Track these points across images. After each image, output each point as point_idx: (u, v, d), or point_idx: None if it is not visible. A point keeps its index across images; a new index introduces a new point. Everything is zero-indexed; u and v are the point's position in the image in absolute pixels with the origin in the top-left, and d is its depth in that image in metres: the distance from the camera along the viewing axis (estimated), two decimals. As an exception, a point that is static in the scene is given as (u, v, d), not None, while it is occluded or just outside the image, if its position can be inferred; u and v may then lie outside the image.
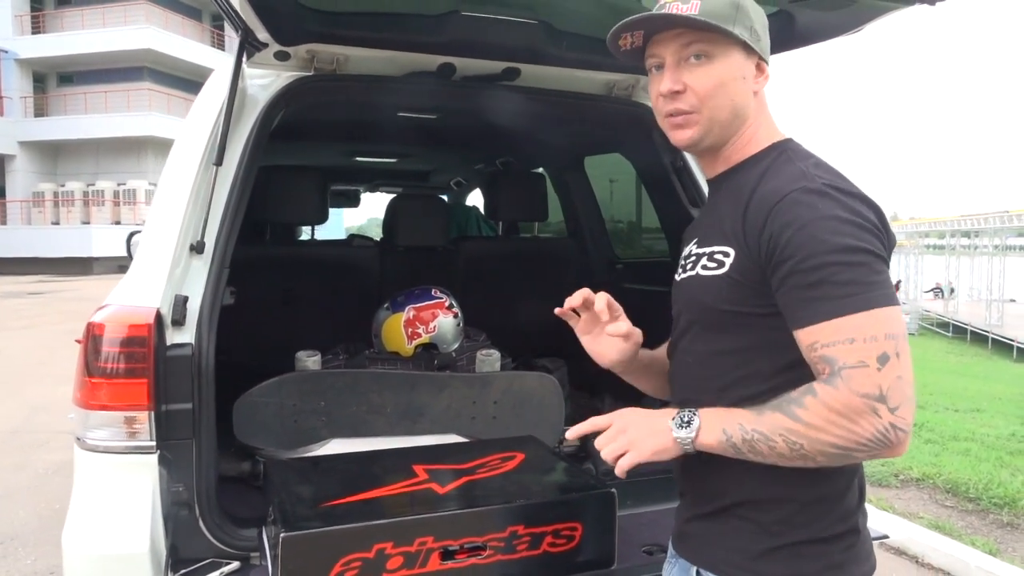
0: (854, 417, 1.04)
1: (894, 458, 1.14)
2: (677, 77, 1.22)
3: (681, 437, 1.16)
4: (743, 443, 1.11)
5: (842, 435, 1.05)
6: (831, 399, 1.05)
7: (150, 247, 1.87)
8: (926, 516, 4.42)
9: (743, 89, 1.24)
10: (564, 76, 2.41)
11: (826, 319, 1.07)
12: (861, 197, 1.15)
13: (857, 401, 1.04)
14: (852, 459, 1.08)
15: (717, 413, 1.16)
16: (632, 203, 3.66)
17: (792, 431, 1.07)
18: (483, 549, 1.58)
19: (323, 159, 3.97)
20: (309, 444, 2.15)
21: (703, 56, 1.21)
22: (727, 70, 1.21)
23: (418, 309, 2.50)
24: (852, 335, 1.05)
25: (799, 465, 1.10)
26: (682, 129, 1.25)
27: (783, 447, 1.08)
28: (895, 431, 1.04)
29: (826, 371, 1.07)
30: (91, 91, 28.70)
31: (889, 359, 1.04)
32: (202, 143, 1.97)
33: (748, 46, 1.22)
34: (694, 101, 1.22)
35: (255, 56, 2.06)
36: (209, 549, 1.80)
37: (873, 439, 1.04)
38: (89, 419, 1.73)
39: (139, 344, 1.71)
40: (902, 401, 1.04)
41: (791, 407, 1.08)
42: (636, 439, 1.18)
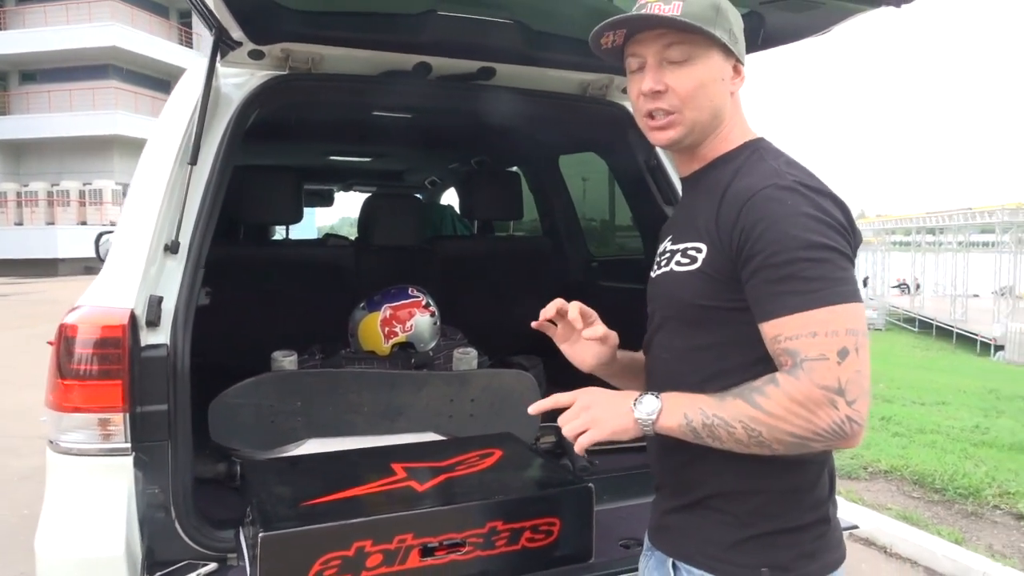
0: (813, 408, 1.07)
1: (848, 448, 1.19)
2: (659, 77, 1.24)
3: (642, 417, 1.18)
4: (703, 428, 1.15)
5: (800, 424, 1.08)
6: (793, 389, 1.08)
7: (123, 247, 1.85)
8: (894, 507, 4.51)
9: (722, 90, 1.26)
10: (539, 76, 2.42)
11: (791, 313, 1.11)
12: (829, 195, 1.19)
13: (817, 393, 1.07)
14: (807, 448, 1.12)
15: (680, 397, 1.19)
16: (606, 202, 3.69)
17: (752, 418, 1.11)
18: (462, 545, 1.60)
19: (298, 158, 3.95)
20: (286, 444, 2.14)
21: (684, 57, 1.23)
22: (707, 71, 1.24)
23: (395, 308, 2.51)
24: (815, 329, 1.09)
25: (755, 452, 1.13)
26: (663, 130, 1.27)
27: (742, 433, 1.12)
28: (851, 423, 1.08)
29: (788, 363, 1.11)
30: (55, 89, 28.13)
31: (849, 354, 1.08)
32: (176, 142, 1.95)
33: (727, 48, 1.25)
34: (675, 102, 1.24)
35: (229, 55, 2.05)
36: (186, 551, 1.79)
37: (829, 430, 1.08)
38: (62, 421, 1.71)
39: (113, 345, 1.69)
40: (859, 395, 1.08)
41: (753, 395, 1.11)
42: (598, 417, 1.21)
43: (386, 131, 3.21)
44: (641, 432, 1.20)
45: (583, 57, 2.36)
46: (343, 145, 3.93)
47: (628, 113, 2.58)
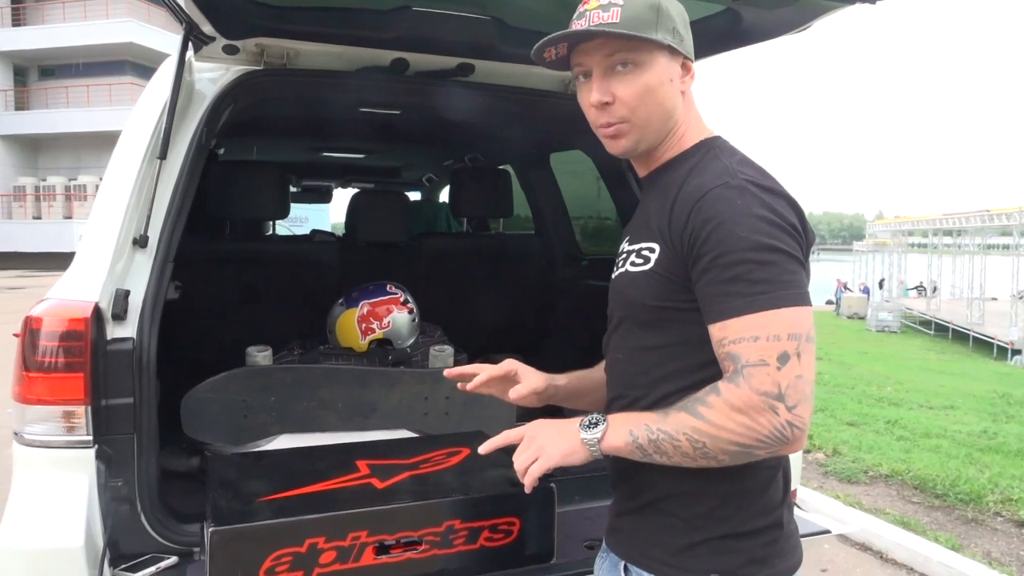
0: (753, 414, 1.06)
1: (790, 453, 1.18)
2: (605, 88, 1.22)
3: (587, 439, 1.19)
4: (649, 444, 1.14)
5: (742, 432, 1.07)
6: (733, 397, 1.07)
7: (92, 241, 1.85)
8: (892, 512, 4.46)
9: (671, 92, 1.24)
10: (519, 72, 2.41)
11: (735, 315, 1.09)
12: (782, 195, 1.17)
13: (756, 399, 1.06)
14: (752, 457, 1.10)
15: (626, 417, 1.19)
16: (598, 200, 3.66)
17: (696, 429, 1.09)
18: (419, 544, 1.59)
19: (289, 155, 3.95)
20: (258, 440, 2.14)
21: (629, 64, 1.21)
22: (653, 76, 1.22)
23: (372, 304, 2.50)
24: (757, 333, 1.08)
25: (703, 465, 1.12)
26: (616, 139, 1.26)
27: (687, 446, 1.10)
28: (791, 428, 1.06)
29: (731, 368, 1.09)
30: (72, 85, 28.42)
31: (789, 359, 1.07)
32: (147, 137, 1.96)
33: (672, 48, 1.22)
34: (623, 112, 1.23)
35: (203, 49, 2.05)
36: (151, 544, 1.79)
37: (771, 436, 1.06)
38: (26, 414, 1.72)
39: (76, 338, 1.70)
40: (800, 400, 1.06)
41: (696, 406, 1.10)
42: (545, 444, 1.22)
43: (372, 128, 3.20)
44: (590, 454, 1.20)
45: (564, 54, 2.36)
46: (331, 141, 3.93)
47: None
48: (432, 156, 4.52)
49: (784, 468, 1.29)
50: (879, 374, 10.86)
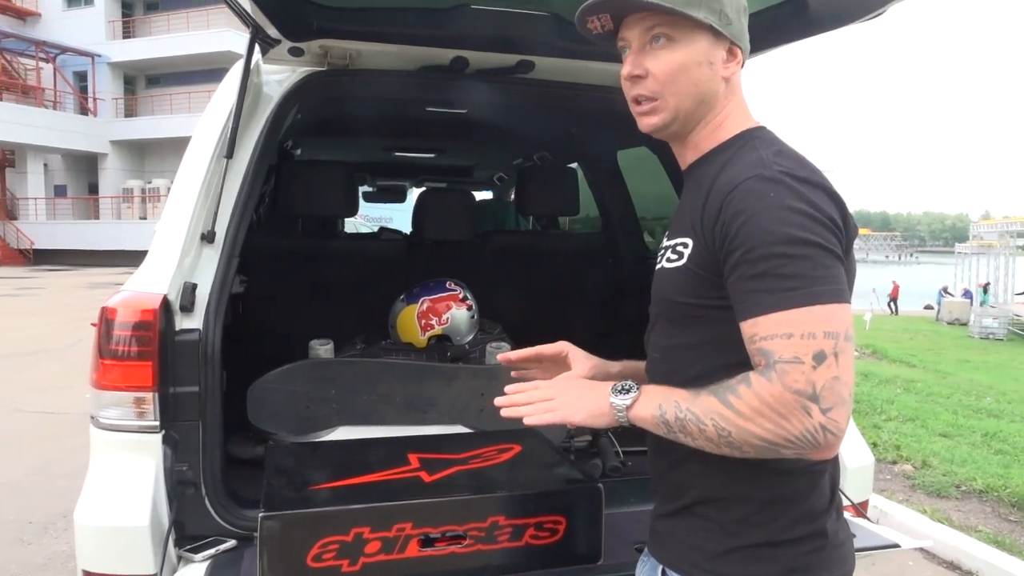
0: (784, 413, 1.01)
1: (821, 459, 1.11)
2: (639, 61, 1.21)
3: (616, 403, 1.17)
4: (675, 421, 1.11)
5: (770, 428, 1.02)
6: (763, 391, 1.02)
7: (163, 236, 1.95)
8: (986, 530, 4.19)
9: (709, 75, 1.21)
10: (579, 68, 2.39)
11: (766, 312, 1.04)
12: (820, 185, 1.11)
13: (789, 397, 1.01)
14: (778, 454, 1.05)
15: (658, 389, 1.16)
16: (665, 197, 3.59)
17: (723, 417, 1.05)
18: (463, 538, 1.59)
19: (359, 154, 4.04)
20: (318, 430, 2.20)
21: (666, 39, 1.18)
22: (690, 55, 1.19)
23: (432, 301, 2.53)
24: (790, 330, 1.02)
25: (727, 453, 1.08)
26: (646, 116, 1.24)
27: (712, 431, 1.07)
28: (825, 433, 1.01)
29: (762, 363, 1.05)
30: (176, 92, 30.10)
31: (826, 358, 1.01)
32: (215, 137, 2.04)
33: (716, 30, 1.19)
34: (655, 87, 1.20)
35: (270, 52, 2.12)
36: (214, 527, 1.87)
37: (800, 437, 1.01)
38: (101, 399, 1.82)
39: (146, 328, 1.79)
40: (836, 403, 1.01)
41: (726, 393, 1.06)
42: (573, 399, 1.21)
43: (438, 127, 3.24)
44: (615, 419, 1.18)
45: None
46: (398, 140, 4.00)
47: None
48: (502, 155, 4.54)
49: (831, 474, 1.23)
50: (979, 384, 10.22)
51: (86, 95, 31.33)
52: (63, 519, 3.96)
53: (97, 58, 30.22)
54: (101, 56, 30.21)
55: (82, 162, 31.27)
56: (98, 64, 30.43)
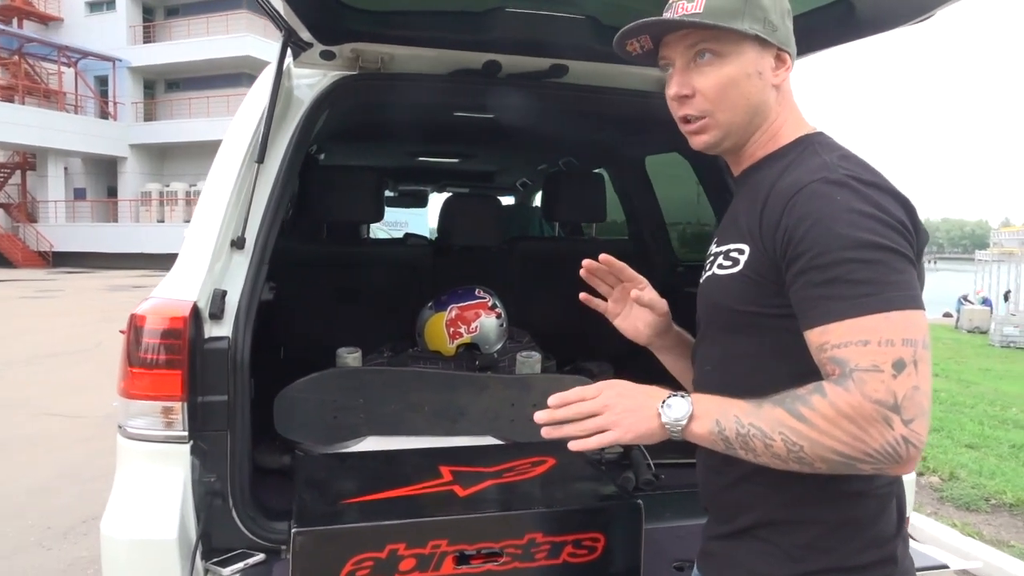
0: (863, 424, 0.94)
1: (900, 474, 1.04)
2: (685, 80, 1.17)
3: (670, 423, 1.07)
4: (736, 438, 1.03)
5: (848, 442, 0.95)
6: (841, 401, 0.95)
7: (192, 242, 1.92)
8: (1018, 545, 4.09)
9: (759, 85, 1.16)
10: (614, 72, 2.34)
11: (838, 319, 0.98)
12: (889, 190, 1.06)
13: (869, 407, 0.94)
14: (854, 470, 0.99)
15: (713, 401, 1.07)
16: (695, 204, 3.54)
17: (794, 430, 0.98)
18: (499, 555, 1.55)
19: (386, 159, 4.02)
20: (346, 440, 2.16)
21: (711, 55, 1.14)
22: (738, 68, 1.14)
23: (461, 309, 2.49)
24: (866, 337, 0.96)
25: (795, 469, 1.01)
26: (698, 135, 1.20)
27: (780, 447, 0.99)
28: (907, 445, 0.94)
29: (836, 372, 0.98)
30: (195, 97, 30.32)
31: (906, 366, 0.95)
32: (246, 141, 2.01)
33: (763, 39, 1.14)
34: (705, 106, 1.16)
35: (301, 56, 2.09)
36: (241, 540, 1.83)
37: (882, 451, 0.94)
38: (130, 408, 1.79)
39: (175, 336, 1.76)
40: (917, 414, 0.94)
41: (796, 404, 0.99)
42: (621, 418, 1.09)
43: (466, 132, 3.20)
44: (668, 436, 1.10)
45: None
46: (425, 145, 3.97)
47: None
48: (527, 160, 4.50)
49: (899, 495, 1.17)
50: (1004, 393, 10.03)
51: (107, 99, 31.64)
52: (83, 524, 3.95)
53: (118, 63, 30.52)
54: (122, 61, 30.50)
55: (102, 165, 31.57)
56: (119, 68, 30.73)
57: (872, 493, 1.11)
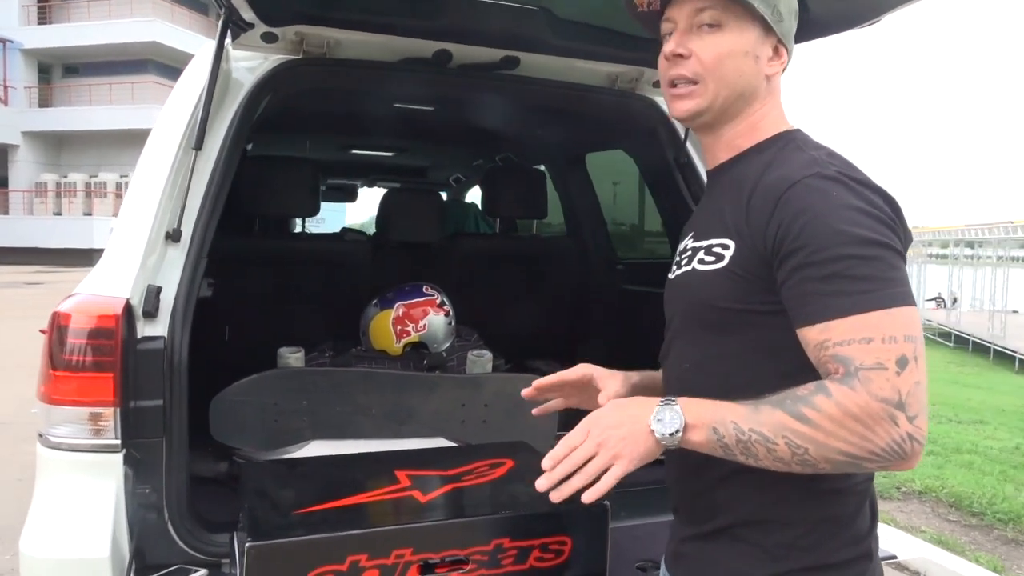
0: (870, 424, 0.94)
1: (903, 471, 1.05)
2: (683, 42, 1.16)
3: (665, 439, 1.03)
4: (737, 444, 1.00)
5: (855, 442, 0.94)
6: (848, 401, 0.94)
7: (123, 235, 1.77)
8: (928, 530, 4.32)
9: (753, 67, 1.16)
10: (565, 66, 2.31)
11: (840, 316, 0.97)
12: (876, 188, 1.07)
13: (876, 406, 0.93)
14: (860, 469, 0.99)
15: (703, 406, 1.04)
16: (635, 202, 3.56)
17: (798, 433, 0.96)
18: (465, 563, 1.48)
19: (317, 151, 3.88)
20: (289, 445, 2.05)
21: (715, 25, 1.14)
22: (737, 42, 1.14)
23: (408, 306, 2.41)
24: (869, 334, 0.96)
25: (796, 471, 1.00)
26: (682, 99, 1.18)
27: (784, 451, 0.97)
28: (911, 442, 0.94)
29: (839, 371, 0.97)
30: (96, 83, 28.65)
31: (908, 363, 0.95)
32: (181, 127, 1.88)
33: (768, 25, 1.14)
34: (698, 69, 1.15)
35: (241, 37, 1.97)
36: (178, 554, 1.71)
37: (888, 449, 0.94)
38: (52, 414, 1.64)
39: (106, 336, 1.61)
40: (920, 410, 0.95)
41: (798, 407, 0.97)
42: (619, 450, 1.04)
43: (407, 124, 3.12)
44: (663, 449, 1.06)
45: (612, 48, 2.26)
46: (362, 138, 3.86)
47: (658, 108, 2.46)
48: (463, 155, 4.44)
49: (872, 495, 1.18)
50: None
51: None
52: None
53: (9, 44, 28.48)
54: (14, 42, 28.48)
55: (-10, 153, 29.52)
56: (10, 50, 28.67)
57: (851, 491, 1.11)
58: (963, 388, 11.67)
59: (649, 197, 2.95)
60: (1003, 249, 23.85)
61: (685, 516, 1.24)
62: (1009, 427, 7.79)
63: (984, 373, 15.90)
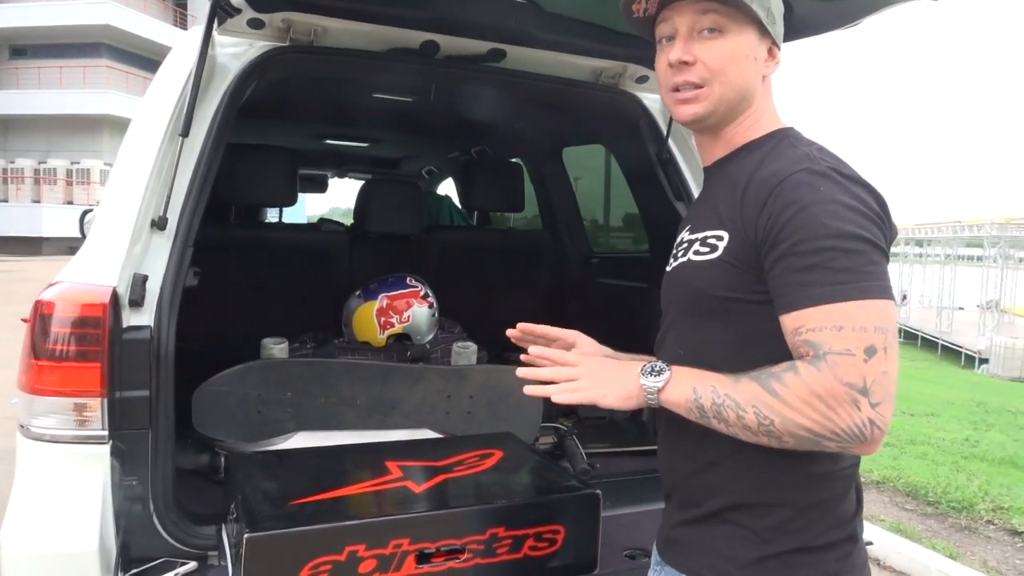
0: (833, 404, 0.99)
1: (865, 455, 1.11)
2: (688, 48, 1.18)
3: (648, 385, 1.11)
4: (711, 407, 1.07)
5: (818, 420, 1.00)
6: (813, 380, 1.00)
7: (107, 222, 1.73)
8: (887, 519, 4.45)
9: (753, 70, 1.20)
10: (550, 60, 2.32)
11: (815, 304, 1.02)
12: (865, 184, 1.11)
13: (839, 388, 0.99)
14: (821, 447, 1.03)
15: (691, 372, 1.11)
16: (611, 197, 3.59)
17: (767, 405, 1.02)
18: (461, 552, 1.50)
19: (292, 139, 3.82)
20: (273, 437, 2.03)
21: (717, 30, 1.17)
22: (740, 47, 1.17)
23: (391, 298, 2.39)
24: (841, 323, 1.01)
25: (763, 443, 1.05)
26: (688, 104, 1.20)
27: (752, 419, 1.03)
28: (872, 427, 0.99)
29: (809, 354, 1.02)
30: (45, 66, 27.68)
31: (876, 352, 1.00)
32: (167, 113, 1.83)
33: (763, 27, 1.18)
34: (704, 74, 1.17)
35: (227, 22, 1.94)
36: (164, 548, 1.68)
37: (848, 431, 0.99)
38: (34, 405, 1.60)
39: (93, 325, 1.58)
40: (884, 398, 1.00)
41: (770, 380, 1.03)
42: (602, 381, 1.15)
43: (387, 115, 3.09)
44: (645, 402, 1.13)
45: (597, 43, 2.28)
46: (340, 128, 3.81)
47: (641, 104, 2.49)
48: (438, 147, 4.41)
49: (856, 480, 1.22)
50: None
51: (-63, 63, 28.41)
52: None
53: (-49, 23, 27.43)
54: (-43, 22, 27.44)
55: (-70, 137, 28.36)
56: (-48, 30, 27.63)
57: (838, 475, 1.16)
58: (914, 382, 12.06)
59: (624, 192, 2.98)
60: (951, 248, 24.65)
61: (677, 501, 1.27)
62: (959, 419, 8.08)
63: (933, 367, 16.45)
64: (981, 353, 17.77)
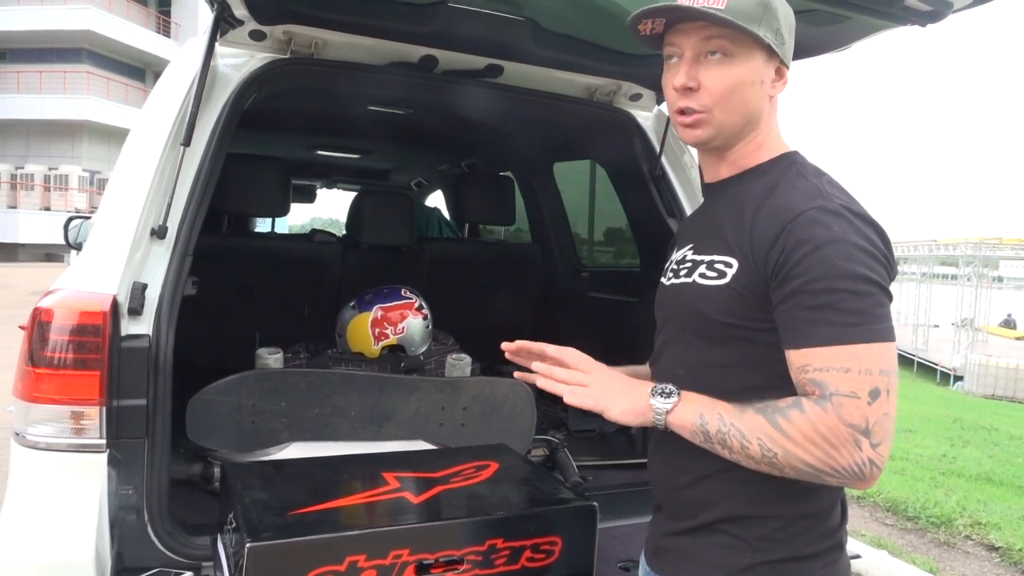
0: (836, 444, 1.02)
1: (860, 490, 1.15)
2: (693, 73, 1.18)
3: (657, 406, 1.15)
4: (716, 434, 1.10)
5: (820, 457, 1.03)
6: (818, 420, 1.03)
7: (107, 230, 1.73)
8: (868, 534, 4.50)
9: (759, 94, 1.20)
10: (546, 77, 2.36)
11: (824, 344, 1.05)
12: (873, 223, 1.13)
13: (843, 429, 1.02)
14: (820, 481, 1.07)
15: (699, 398, 1.15)
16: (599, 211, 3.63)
17: (771, 438, 1.06)
18: (460, 563, 1.50)
19: (284, 150, 3.82)
20: (268, 447, 2.03)
21: (723, 54, 1.17)
22: (746, 72, 1.18)
23: (386, 309, 2.40)
24: (848, 364, 1.04)
25: (764, 471, 1.09)
26: (691, 128, 1.22)
27: (755, 450, 1.07)
28: (871, 466, 1.03)
29: (815, 393, 1.05)
30: (25, 70, 27.36)
31: (880, 395, 1.03)
32: (168, 123, 1.84)
33: (771, 49, 1.18)
34: (707, 101, 1.18)
35: (229, 34, 1.96)
36: (158, 557, 1.68)
37: (848, 469, 1.03)
38: (31, 413, 1.59)
39: (92, 333, 1.58)
40: (884, 438, 1.03)
41: (775, 415, 1.06)
42: (612, 393, 1.18)
43: (382, 127, 3.11)
44: (652, 421, 1.16)
45: (592, 61, 2.32)
46: (332, 139, 3.82)
47: (635, 121, 2.53)
48: (429, 160, 4.43)
49: (843, 493, 1.26)
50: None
51: (-88, 66, 27.98)
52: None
53: (-70, 26, 27.06)
54: (-65, 24, 27.08)
55: (-96, 140, 27.89)
56: (-69, 33, 27.25)
57: (825, 488, 1.18)
58: (891, 398, 12.17)
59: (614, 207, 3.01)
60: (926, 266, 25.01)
61: (668, 512, 1.29)
62: (936, 436, 8.18)
63: (909, 384, 16.62)
64: (956, 370, 18.01)
